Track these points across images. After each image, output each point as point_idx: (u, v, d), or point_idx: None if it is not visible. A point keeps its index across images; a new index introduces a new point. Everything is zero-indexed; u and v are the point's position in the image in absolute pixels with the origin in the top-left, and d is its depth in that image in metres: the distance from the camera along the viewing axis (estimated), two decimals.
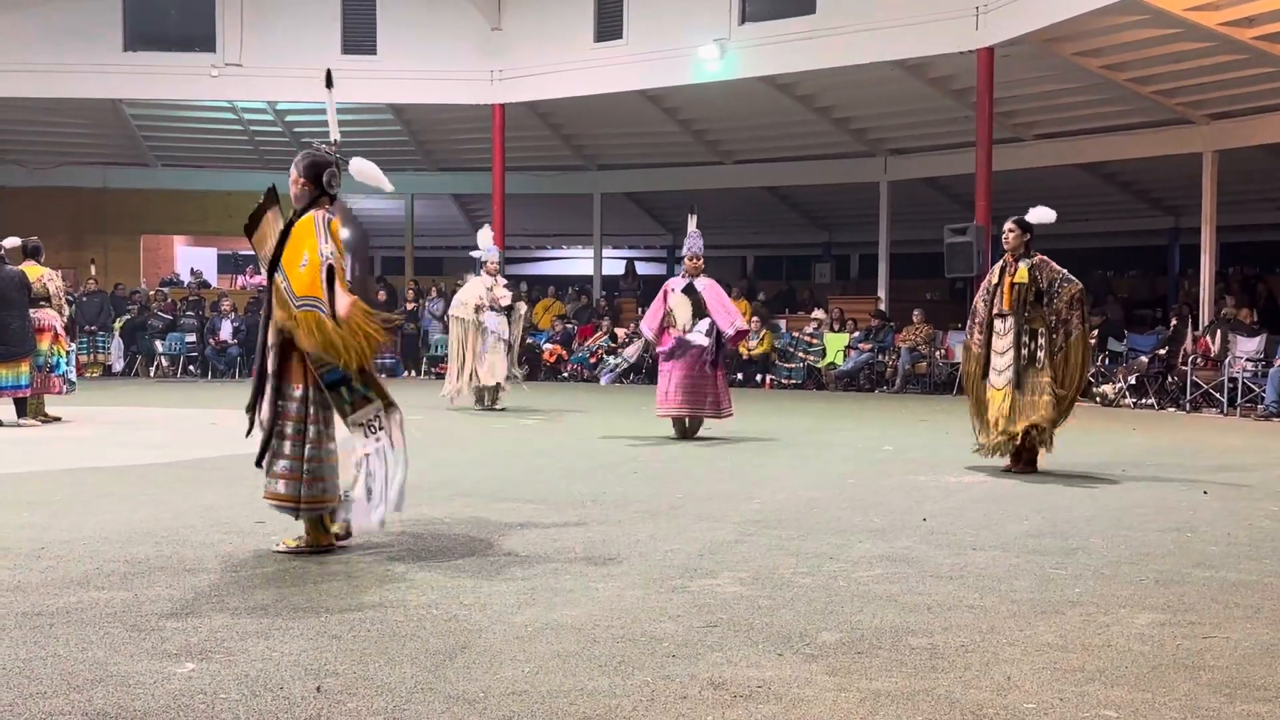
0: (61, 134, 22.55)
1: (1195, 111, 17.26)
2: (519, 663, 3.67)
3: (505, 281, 14.19)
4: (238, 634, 3.94)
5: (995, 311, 8.24)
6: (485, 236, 14.02)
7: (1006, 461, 8.26)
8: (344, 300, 5.07)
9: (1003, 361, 8.14)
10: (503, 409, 13.24)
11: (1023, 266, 8.12)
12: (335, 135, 5.68)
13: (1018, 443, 8.09)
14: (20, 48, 19.66)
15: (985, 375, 8.27)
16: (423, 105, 21.33)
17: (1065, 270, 8.23)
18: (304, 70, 20.15)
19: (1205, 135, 17.47)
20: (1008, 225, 8.31)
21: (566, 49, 19.71)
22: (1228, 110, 16.97)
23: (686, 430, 10.39)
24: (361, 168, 5.75)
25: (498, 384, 13.34)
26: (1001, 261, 8.38)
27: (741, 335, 11.01)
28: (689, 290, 10.44)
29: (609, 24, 19.56)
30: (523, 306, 14.35)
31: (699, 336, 10.16)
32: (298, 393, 5.19)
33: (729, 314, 10.44)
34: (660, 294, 10.70)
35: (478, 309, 13.30)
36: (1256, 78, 15.51)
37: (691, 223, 10.82)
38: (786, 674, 3.59)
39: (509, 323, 13.51)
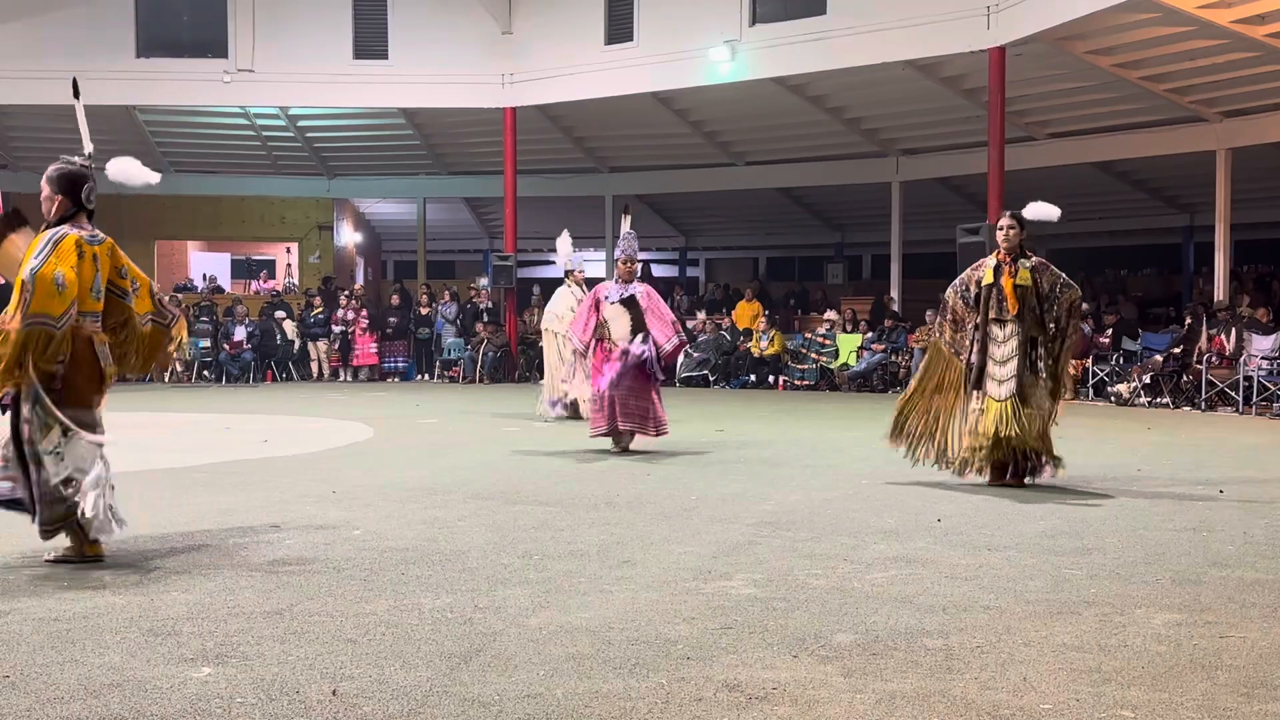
0: (75, 140, 22.57)
1: (1208, 109, 17.21)
2: (534, 665, 3.67)
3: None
4: (254, 638, 3.95)
5: (994, 316, 7.51)
6: (566, 243, 13.00)
7: (988, 476, 7.55)
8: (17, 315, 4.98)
9: (1004, 371, 7.41)
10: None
11: (1024, 268, 7.46)
12: (89, 147, 5.61)
13: (1006, 456, 7.43)
14: (33, 55, 19.72)
15: (980, 384, 7.46)
16: (434, 109, 21.37)
17: (1064, 274, 7.64)
18: (316, 75, 20.27)
19: (1218, 133, 17.40)
20: (1005, 220, 7.58)
21: (577, 52, 19.73)
22: (1241, 108, 16.91)
23: (626, 446, 9.41)
24: (120, 168, 5.71)
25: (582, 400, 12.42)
26: (994, 260, 7.61)
27: (679, 350, 10.01)
28: (629, 302, 9.44)
29: (619, 26, 19.56)
30: None
31: (639, 346, 9.30)
32: (24, 410, 5.09)
33: (668, 327, 9.51)
34: (589, 302, 9.69)
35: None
36: (1269, 75, 15.44)
37: (625, 223, 9.96)
38: (801, 675, 3.59)
39: None
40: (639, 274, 9.83)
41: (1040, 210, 7.71)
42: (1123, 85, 17.01)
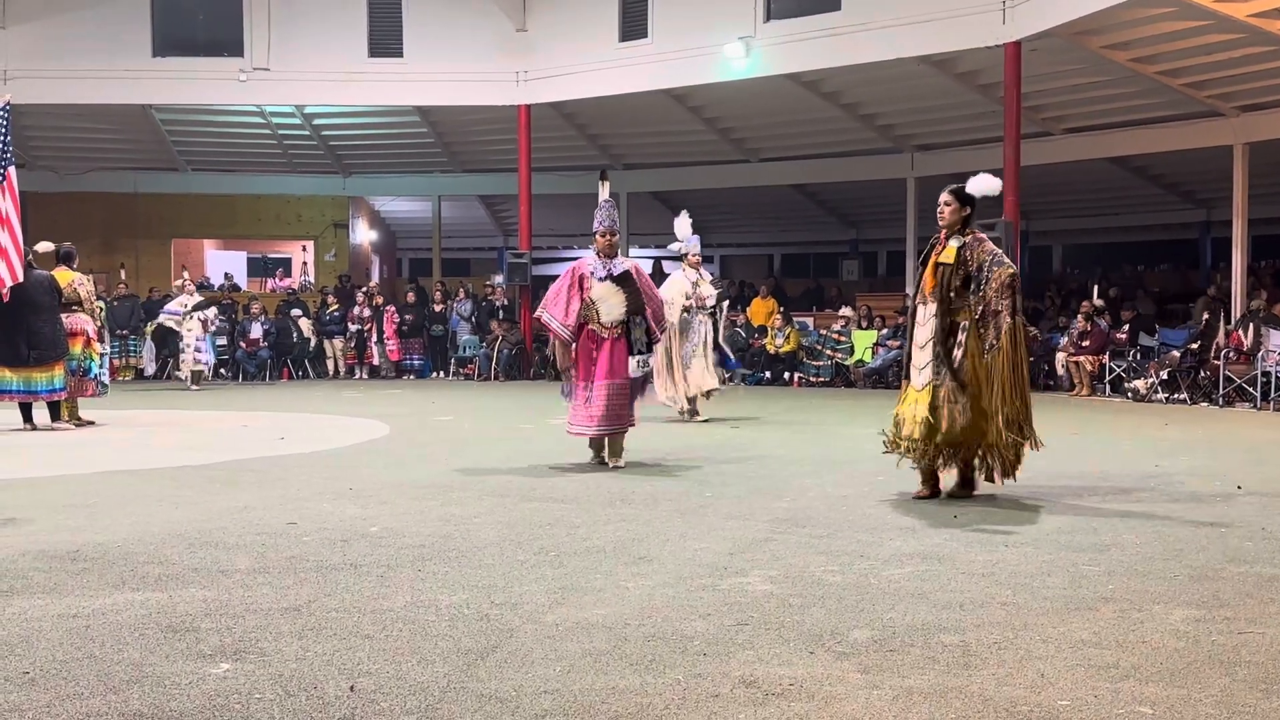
0: (92, 140, 22.76)
1: (1225, 104, 17.13)
2: (550, 662, 3.68)
3: (710, 276, 12.60)
4: (272, 634, 3.97)
5: (917, 299, 7.02)
6: (684, 225, 12.28)
7: (919, 488, 6.97)
8: None
9: (922, 357, 6.85)
10: (705, 420, 11.96)
11: (952, 245, 6.81)
12: None
13: (937, 461, 6.87)
14: (51, 55, 19.85)
15: (908, 373, 7.01)
16: (449, 107, 21.43)
17: (1000, 251, 6.91)
18: (331, 74, 20.34)
19: (1235, 127, 17.32)
20: (943, 197, 6.96)
21: (591, 49, 19.75)
22: (1258, 102, 16.83)
23: (603, 450, 8.57)
24: None
25: (701, 393, 11.97)
26: (933, 239, 7.07)
27: (664, 333, 9.42)
28: (622, 279, 8.39)
29: (634, 23, 19.57)
30: (725, 304, 12.78)
31: (639, 372, 8.50)
32: None
33: (661, 309, 8.86)
34: (569, 280, 8.46)
35: (685, 310, 11.80)
36: None
37: (603, 190, 9.15)
38: (818, 672, 3.59)
39: (714, 324, 12.09)
40: (622, 249, 9.03)
41: (982, 184, 7.15)
42: (1139, 80, 16.95)
